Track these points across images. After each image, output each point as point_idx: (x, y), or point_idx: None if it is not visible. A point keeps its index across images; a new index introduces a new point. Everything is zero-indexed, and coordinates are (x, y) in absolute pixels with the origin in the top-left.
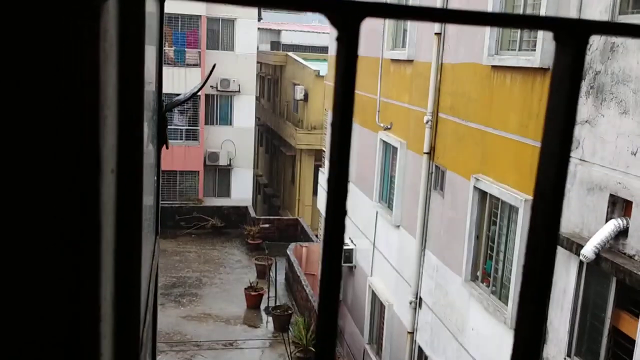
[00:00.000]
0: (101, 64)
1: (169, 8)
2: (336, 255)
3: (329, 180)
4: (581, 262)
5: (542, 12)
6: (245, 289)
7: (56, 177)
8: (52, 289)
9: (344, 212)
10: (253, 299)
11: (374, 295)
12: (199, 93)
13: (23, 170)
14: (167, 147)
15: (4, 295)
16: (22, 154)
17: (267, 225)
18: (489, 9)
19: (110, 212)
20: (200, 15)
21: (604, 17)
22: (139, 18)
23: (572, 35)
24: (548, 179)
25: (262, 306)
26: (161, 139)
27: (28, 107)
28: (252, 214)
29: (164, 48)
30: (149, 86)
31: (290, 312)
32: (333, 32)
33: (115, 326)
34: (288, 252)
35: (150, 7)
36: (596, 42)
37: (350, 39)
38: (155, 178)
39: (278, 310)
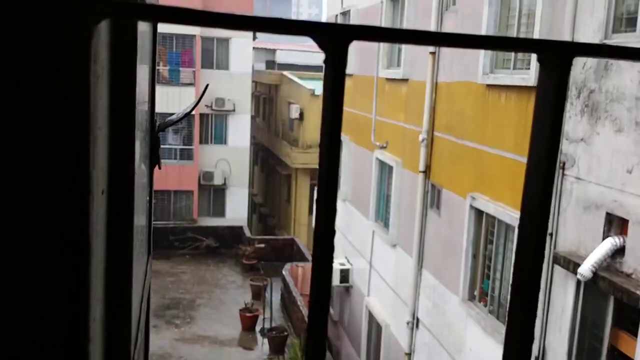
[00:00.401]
0: (92, 86)
1: (163, 28)
2: (325, 273)
3: (318, 201)
4: (579, 281)
5: (536, 30)
6: (240, 310)
7: (45, 198)
8: (40, 309)
9: (332, 231)
10: (248, 321)
11: (370, 316)
12: (192, 112)
13: (11, 191)
14: (159, 168)
15: None
16: (11, 174)
17: (262, 245)
18: (483, 28)
19: (101, 232)
20: (194, 35)
21: (597, 35)
22: (130, 41)
23: (556, 57)
24: (534, 198)
25: (258, 328)
26: (154, 159)
27: (18, 128)
28: (247, 233)
29: (158, 67)
30: (142, 106)
31: (286, 333)
32: (322, 55)
33: (106, 347)
34: (284, 272)
35: (143, 26)
36: (590, 60)
37: (338, 61)
38: (148, 198)
39: (274, 332)
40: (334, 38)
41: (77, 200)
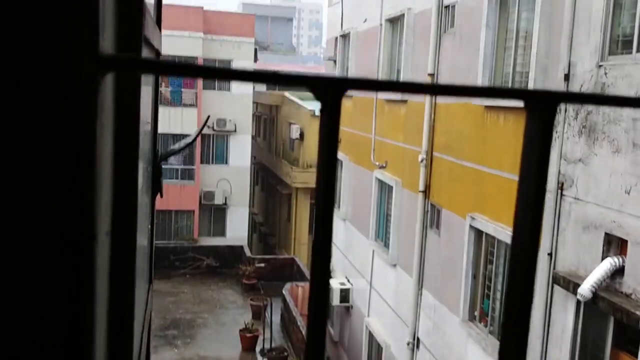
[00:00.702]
0: (98, 135)
1: (166, 49)
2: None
3: (314, 243)
4: (578, 301)
5: (533, 52)
6: (240, 330)
7: (52, 242)
8: (44, 345)
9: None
10: (248, 341)
11: (371, 336)
12: (194, 140)
13: (16, 235)
14: (161, 196)
15: None
16: (16, 219)
17: (262, 265)
18: (481, 49)
19: (104, 273)
20: (196, 57)
21: (594, 57)
22: (134, 88)
23: (541, 105)
24: (523, 242)
25: (258, 348)
26: (156, 188)
27: (27, 178)
28: (248, 253)
29: (160, 89)
30: (144, 135)
31: (286, 354)
32: (317, 104)
33: None
34: (284, 292)
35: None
36: (587, 81)
37: (332, 110)
38: (149, 226)
39: (274, 352)
40: (329, 89)
41: (83, 244)
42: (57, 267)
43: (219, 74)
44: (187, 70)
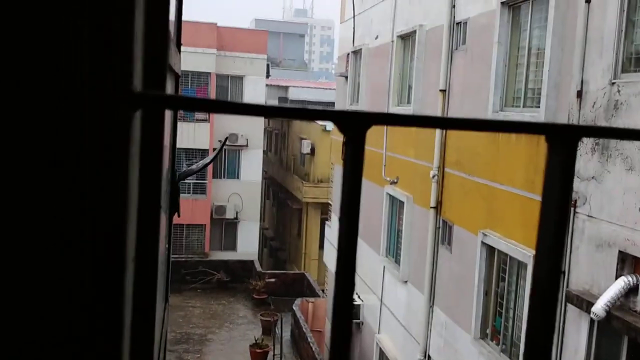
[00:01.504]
0: (131, 167)
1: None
2: (346, 316)
3: (337, 275)
4: (592, 320)
5: (545, 70)
6: (250, 346)
7: (83, 267)
8: None
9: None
10: (258, 357)
11: (381, 353)
12: (207, 148)
13: (48, 263)
14: (179, 216)
15: None
16: (47, 244)
17: (272, 280)
18: (493, 67)
19: (129, 297)
20: (209, 73)
21: (607, 75)
22: (158, 123)
23: (563, 139)
24: (543, 280)
25: None
26: (174, 208)
27: (66, 213)
28: (258, 267)
29: None
30: (165, 159)
31: None
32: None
33: None
34: (294, 307)
35: (168, 88)
36: (600, 98)
37: (357, 146)
38: (167, 246)
39: None
40: (354, 124)
41: (113, 271)
42: (91, 300)
43: (243, 109)
44: (213, 106)
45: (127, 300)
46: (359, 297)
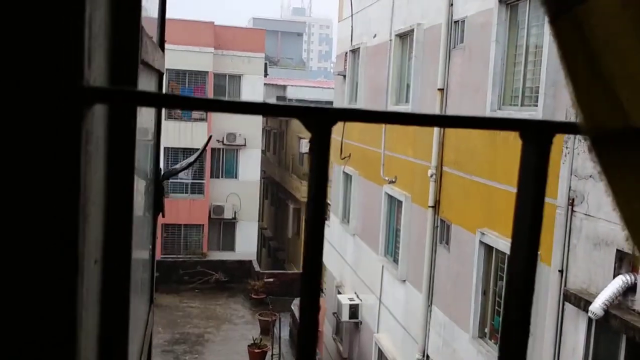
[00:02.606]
0: (83, 164)
1: (176, 64)
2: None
3: (303, 276)
4: (590, 319)
5: (543, 68)
6: (249, 346)
7: (33, 270)
8: None
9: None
10: (257, 357)
11: (380, 353)
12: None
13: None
14: (163, 216)
15: None
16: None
17: (271, 280)
18: (491, 65)
19: (94, 302)
20: (207, 72)
21: None
22: (129, 121)
23: (537, 135)
24: (519, 275)
25: None
26: (157, 208)
27: (6, 205)
28: (257, 267)
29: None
30: (147, 155)
31: None
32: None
33: None
34: (292, 307)
35: (149, 85)
36: None
37: (322, 142)
38: (151, 246)
39: None
40: (319, 120)
41: (64, 271)
42: (39, 297)
43: (206, 105)
44: (173, 101)
45: (86, 300)
46: (357, 296)
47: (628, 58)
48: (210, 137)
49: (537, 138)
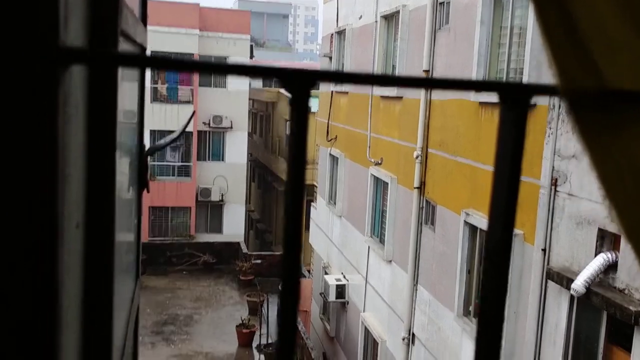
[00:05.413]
0: (61, 126)
1: (162, 46)
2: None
3: (285, 233)
4: (572, 297)
5: (527, 49)
6: (237, 326)
7: (9, 236)
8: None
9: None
10: (245, 337)
11: (366, 332)
12: (191, 130)
13: None
14: (147, 191)
15: None
16: None
17: (259, 261)
18: (475, 46)
19: (76, 266)
20: (192, 54)
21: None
22: (109, 85)
23: (515, 98)
24: (495, 242)
25: (254, 344)
26: (142, 183)
27: None
28: (244, 249)
29: (156, 86)
30: (130, 130)
31: None
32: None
33: None
34: (280, 288)
35: (131, 49)
36: None
37: (302, 103)
38: (136, 221)
39: (270, 348)
40: (298, 81)
41: (44, 235)
42: (16, 254)
43: (185, 66)
44: (151, 62)
45: (71, 264)
46: (344, 277)
47: (606, 21)
48: (193, 113)
49: (516, 100)
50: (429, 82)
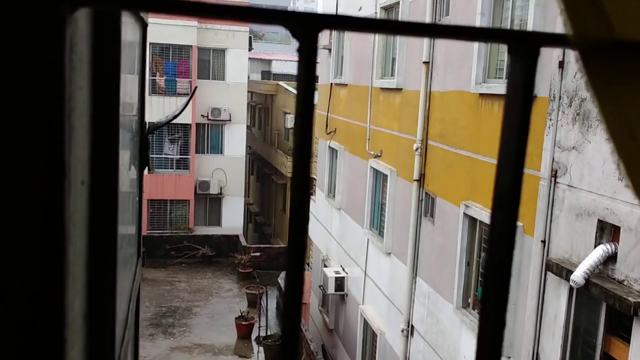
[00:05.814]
0: (67, 75)
1: (160, 38)
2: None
3: (292, 187)
4: (571, 288)
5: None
6: (236, 318)
7: (16, 185)
8: (12, 303)
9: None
10: (244, 329)
11: (365, 324)
12: (190, 123)
13: None
14: (149, 170)
15: None
16: None
17: (258, 254)
18: (475, 48)
19: (81, 222)
20: (191, 46)
21: None
22: (114, 34)
23: (525, 47)
24: (504, 188)
25: (253, 336)
26: (143, 161)
27: None
28: (243, 242)
29: (154, 78)
30: (131, 109)
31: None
32: (295, 44)
33: (88, 342)
34: (279, 280)
35: (133, 28)
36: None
37: (309, 48)
38: (137, 199)
39: (269, 340)
40: (306, 26)
41: (53, 187)
42: (26, 209)
43: (191, 8)
44: (156, 4)
45: (76, 220)
46: (343, 269)
47: None
48: (195, 88)
49: (525, 49)
50: (434, 29)
